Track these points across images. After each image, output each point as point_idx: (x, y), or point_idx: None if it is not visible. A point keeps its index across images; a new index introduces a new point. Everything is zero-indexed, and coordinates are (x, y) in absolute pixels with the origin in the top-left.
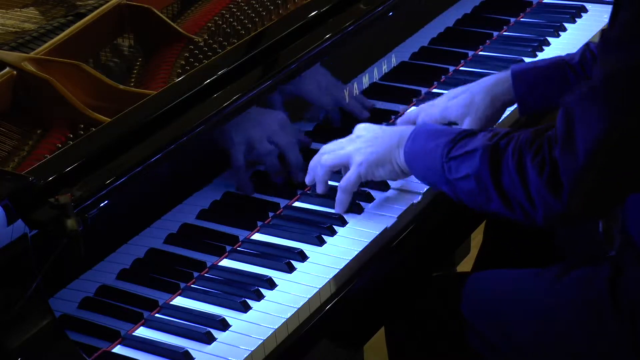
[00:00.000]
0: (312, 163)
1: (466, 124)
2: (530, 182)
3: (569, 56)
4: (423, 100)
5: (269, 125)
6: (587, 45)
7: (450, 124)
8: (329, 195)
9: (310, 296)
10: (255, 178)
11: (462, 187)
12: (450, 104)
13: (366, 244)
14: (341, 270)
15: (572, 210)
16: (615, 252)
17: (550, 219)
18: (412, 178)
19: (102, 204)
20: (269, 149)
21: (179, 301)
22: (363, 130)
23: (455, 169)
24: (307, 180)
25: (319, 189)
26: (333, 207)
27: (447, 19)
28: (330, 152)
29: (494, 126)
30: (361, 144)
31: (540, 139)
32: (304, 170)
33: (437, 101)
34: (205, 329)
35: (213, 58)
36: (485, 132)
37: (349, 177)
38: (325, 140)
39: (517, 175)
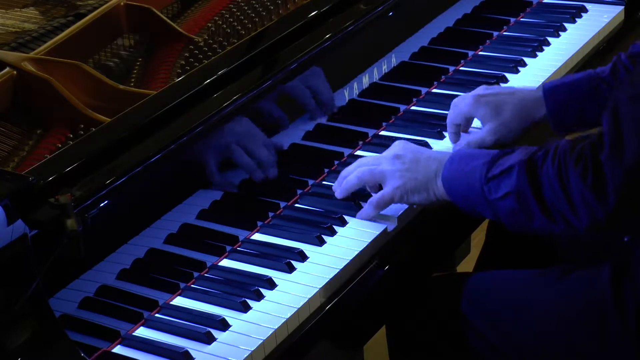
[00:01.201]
0: (344, 172)
1: (486, 128)
2: (572, 189)
3: (600, 69)
4: (423, 100)
5: (234, 132)
6: (618, 56)
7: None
8: (329, 195)
9: (310, 296)
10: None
11: (502, 207)
12: (481, 100)
13: (366, 244)
14: (341, 270)
15: (618, 215)
16: (628, 238)
17: (595, 226)
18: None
19: (102, 204)
20: (237, 151)
21: (179, 301)
22: (402, 149)
23: (494, 189)
24: (335, 186)
25: (339, 195)
26: (333, 207)
27: (447, 19)
28: (366, 166)
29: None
30: (400, 166)
31: (582, 145)
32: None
33: (468, 95)
34: (205, 329)
35: (213, 58)
36: (521, 149)
37: (384, 195)
38: (326, 140)
39: (558, 184)
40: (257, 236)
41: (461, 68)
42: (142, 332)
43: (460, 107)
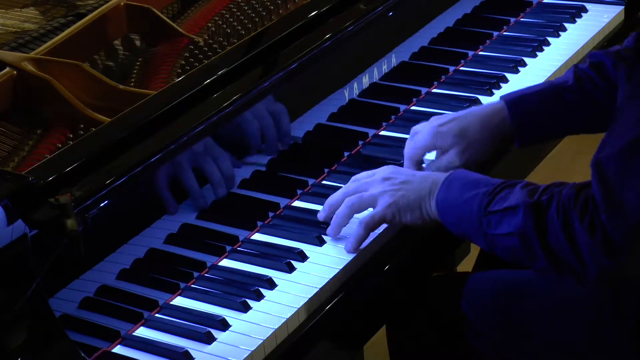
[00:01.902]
0: (330, 199)
1: (453, 154)
2: (580, 243)
3: (562, 79)
4: (423, 100)
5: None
6: (575, 66)
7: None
8: (329, 195)
9: (310, 296)
10: (255, 178)
11: (503, 243)
12: (441, 130)
13: (366, 244)
14: (341, 270)
15: (631, 269)
16: None
17: (604, 279)
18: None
19: (102, 204)
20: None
21: (179, 301)
22: (391, 172)
23: (495, 225)
24: (321, 217)
25: (332, 232)
26: None
27: (447, 19)
28: (354, 194)
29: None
30: (390, 187)
31: (585, 195)
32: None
33: (424, 128)
34: (205, 329)
35: (213, 58)
36: (523, 184)
37: (374, 216)
38: (326, 140)
39: (564, 237)
40: (257, 236)
41: (461, 68)
42: (142, 332)
43: (418, 144)
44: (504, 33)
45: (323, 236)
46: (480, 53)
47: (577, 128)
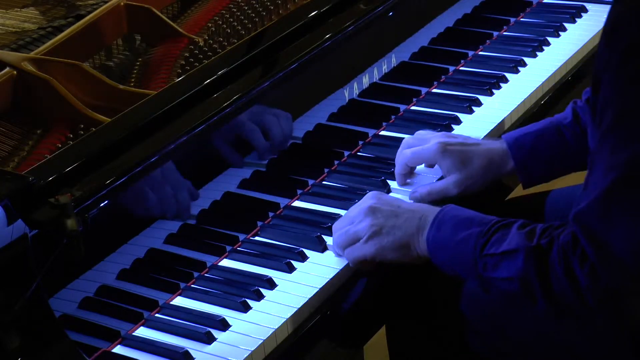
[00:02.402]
0: (334, 227)
1: (451, 180)
2: (583, 289)
3: (562, 116)
4: (423, 100)
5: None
6: (574, 102)
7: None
8: (330, 195)
9: (310, 296)
10: (255, 178)
11: (501, 287)
12: (448, 149)
13: None
14: (341, 270)
15: (635, 312)
16: None
17: (611, 320)
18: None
19: (102, 204)
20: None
21: (179, 301)
22: (377, 202)
23: (492, 268)
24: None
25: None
26: (333, 207)
27: (447, 19)
28: (340, 231)
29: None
30: (374, 221)
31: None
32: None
33: (432, 141)
34: (205, 329)
35: (213, 58)
36: (518, 224)
37: (355, 252)
38: (326, 140)
39: (567, 282)
40: (257, 236)
41: (461, 68)
42: (142, 332)
43: (421, 153)
44: (504, 33)
45: (323, 236)
46: (480, 53)
47: (582, 165)
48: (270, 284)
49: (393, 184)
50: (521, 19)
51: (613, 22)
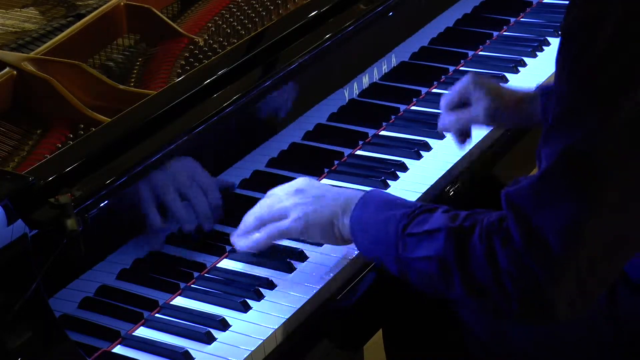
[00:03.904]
0: (245, 216)
1: (481, 109)
2: (502, 269)
3: None
4: (423, 100)
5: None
6: None
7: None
8: None
9: (310, 296)
10: (255, 178)
11: (418, 267)
12: (480, 79)
13: None
14: (341, 270)
15: (557, 306)
16: None
17: (528, 315)
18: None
19: (102, 204)
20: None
21: (179, 301)
22: (305, 184)
23: (412, 248)
24: (234, 235)
25: (239, 244)
26: None
27: (447, 19)
28: (265, 206)
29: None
30: (302, 200)
31: (507, 222)
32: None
33: (464, 77)
34: (205, 329)
35: (213, 58)
36: (444, 209)
37: (280, 226)
38: (326, 140)
39: (487, 263)
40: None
41: (461, 68)
42: (142, 332)
43: (454, 87)
44: (504, 33)
45: None
46: (480, 53)
47: None
48: (270, 284)
49: (393, 184)
50: (521, 19)
51: (570, 24)
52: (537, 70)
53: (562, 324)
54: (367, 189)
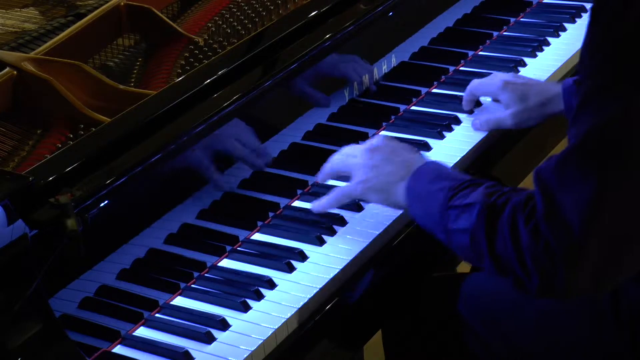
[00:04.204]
0: (326, 163)
1: (509, 112)
2: (524, 247)
3: None
4: (423, 100)
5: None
6: None
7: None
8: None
9: (310, 296)
10: (255, 178)
11: (457, 239)
12: (510, 85)
13: (366, 244)
14: (341, 270)
15: (574, 284)
16: None
17: (548, 291)
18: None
19: (102, 204)
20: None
21: (179, 301)
22: (378, 144)
23: (454, 219)
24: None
25: (319, 178)
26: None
27: (447, 19)
28: (342, 155)
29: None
30: (370, 162)
31: (534, 202)
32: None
33: (497, 77)
34: (205, 329)
35: (213, 58)
36: (488, 184)
37: (344, 189)
38: (326, 140)
39: (511, 240)
40: (257, 236)
41: (461, 68)
42: (142, 332)
43: (485, 85)
44: (504, 33)
45: (323, 236)
46: (480, 53)
47: None
48: (270, 284)
49: None
50: (521, 19)
51: (599, 1)
52: (537, 71)
53: (561, 324)
54: None
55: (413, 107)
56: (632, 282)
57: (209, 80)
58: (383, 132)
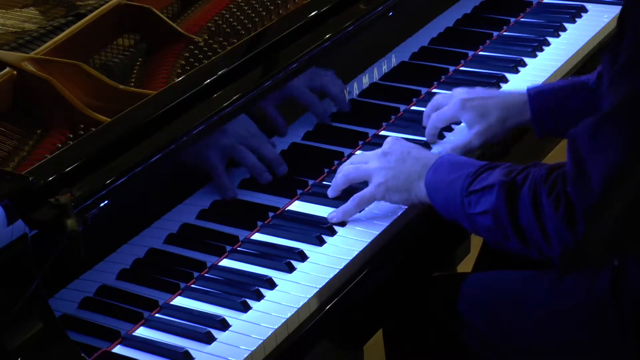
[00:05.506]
0: (339, 168)
1: (473, 132)
2: (546, 218)
3: (586, 78)
4: (423, 100)
5: (237, 131)
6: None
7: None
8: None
9: (310, 296)
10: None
11: (480, 222)
12: (467, 104)
13: (366, 244)
14: (341, 270)
15: (591, 248)
16: (617, 262)
17: (568, 258)
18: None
19: (102, 204)
20: (243, 151)
21: (179, 301)
22: (392, 147)
23: (474, 204)
24: (331, 188)
25: (330, 194)
26: (333, 207)
27: (447, 19)
28: (354, 164)
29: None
30: (386, 164)
31: (556, 173)
32: (282, 164)
33: (452, 100)
34: (205, 329)
35: (213, 58)
36: (504, 165)
37: (364, 194)
38: (326, 140)
39: (533, 213)
40: (257, 236)
41: (461, 68)
42: (142, 332)
43: (444, 113)
44: (504, 33)
45: (323, 236)
46: (480, 53)
47: None
48: (270, 284)
49: None
50: (521, 19)
51: None
52: (537, 71)
53: (563, 323)
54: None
55: (413, 107)
56: (636, 279)
57: (209, 80)
58: (383, 132)
